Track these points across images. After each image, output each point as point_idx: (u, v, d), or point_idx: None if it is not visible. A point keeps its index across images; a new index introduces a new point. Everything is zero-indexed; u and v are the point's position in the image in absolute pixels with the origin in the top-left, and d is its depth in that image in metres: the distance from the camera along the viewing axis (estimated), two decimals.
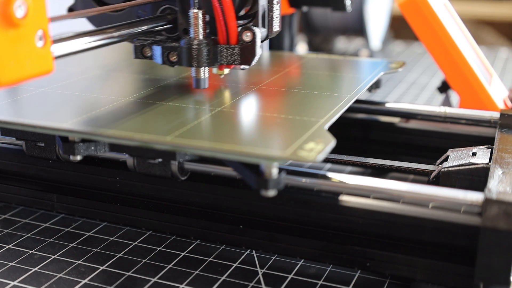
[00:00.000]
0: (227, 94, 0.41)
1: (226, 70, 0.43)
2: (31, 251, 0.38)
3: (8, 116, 0.36)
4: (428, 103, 0.69)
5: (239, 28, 0.40)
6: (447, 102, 0.55)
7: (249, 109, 0.38)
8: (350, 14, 0.83)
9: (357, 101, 0.48)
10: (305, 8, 0.62)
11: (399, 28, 1.17)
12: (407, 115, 0.48)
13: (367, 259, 0.34)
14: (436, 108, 0.47)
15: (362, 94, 0.44)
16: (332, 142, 0.32)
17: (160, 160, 0.36)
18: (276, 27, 0.42)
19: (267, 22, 0.41)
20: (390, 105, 0.48)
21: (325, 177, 0.34)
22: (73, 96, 0.41)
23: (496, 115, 0.44)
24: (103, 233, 0.40)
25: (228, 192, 0.36)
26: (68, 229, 0.40)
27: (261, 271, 0.36)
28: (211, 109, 0.38)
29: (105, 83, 0.46)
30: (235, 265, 0.36)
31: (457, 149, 0.40)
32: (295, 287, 0.34)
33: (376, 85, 0.49)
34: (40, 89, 0.42)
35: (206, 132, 0.34)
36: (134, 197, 0.39)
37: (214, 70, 0.42)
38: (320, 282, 0.34)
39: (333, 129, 0.35)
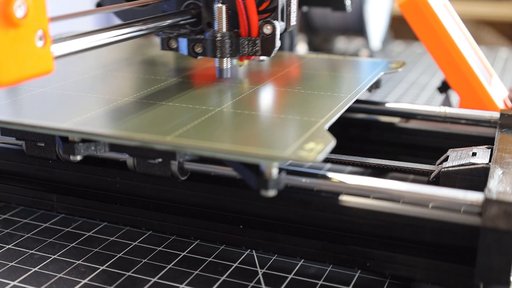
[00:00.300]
0: (227, 94, 0.41)
1: (246, 62, 0.47)
2: (31, 251, 0.38)
3: (8, 116, 0.36)
4: (428, 103, 0.69)
5: (260, 22, 0.42)
6: (447, 102, 0.55)
7: (249, 109, 0.38)
8: (350, 14, 0.83)
9: (357, 101, 0.48)
10: (305, 8, 0.62)
11: (399, 28, 1.17)
12: (407, 115, 0.48)
13: (367, 259, 0.34)
14: (436, 108, 0.47)
15: (362, 94, 0.44)
16: (332, 142, 0.32)
17: (160, 160, 0.36)
18: (293, 21, 0.45)
19: (286, 16, 0.44)
20: (390, 105, 0.48)
21: (325, 177, 0.34)
22: (73, 96, 0.41)
23: (496, 115, 0.44)
24: (103, 233, 0.40)
25: (228, 192, 0.36)
26: (68, 229, 0.40)
27: (261, 271, 0.36)
28: (211, 109, 0.38)
29: (105, 83, 0.46)
30: (235, 265, 0.36)
31: (457, 149, 0.40)
32: (295, 287, 0.34)
33: (376, 85, 0.49)
34: (40, 89, 0.42)
35: (206, 132, 0.34)
36: (134, 197, 0.39)
37: (234, 61, 0.45)
38: (320, 282, 0.34)
39: (333, 129, 0.35)
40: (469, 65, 0.50)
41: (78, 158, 0.34)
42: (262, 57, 0.44)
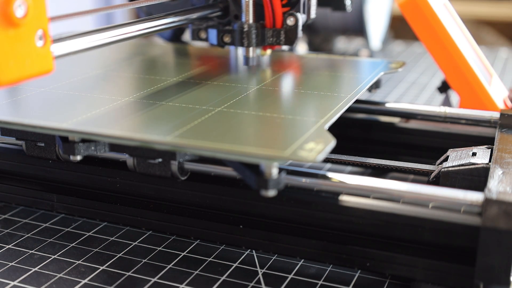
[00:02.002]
0: (227, 94, 0.41)
1: (268, 51, 0.51)
2: (31, 251, 0.38)
3: (8, 116, 0.36)
4: (428, 103, 0.69)
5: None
6: (447, 102, 0.55)
7: (249, 109, 0.38)
8: (350, 14, 0.83)
9: (357, 101, 0.48)
10: None
11: (399, 28, 1.17)
12: (407, 115, 0.48)
13: (367, 259, 0.34)
14: (436, 108, 0.47)
15: (362, 94, 0.44)
16: (332, 142, 0.32)
17: (160, 160, 0.36)
18: (313, 14, 0.49)
19: (307, 9, 0.48)
20: (390, 105, 0.48)
21: (325, 177, 0.34)
22: (73, 96, 0.41)
23: (496, 115, 0.44)
24: (103, 233, 0.40)
25: (228, 192, 0.36)
26: (68, 229, 0.40)
27: (261, 271, 0.36)
28: (211, 109, 0.38)
29: (105, 83, 0.46)
30: (235, 265, 0.36)
31: (457, 149, 0.40)
32: (295, 287, 0.34)
33: (376, 85, 0.49)
34: (40, 89, 0.42)
35: (206, 132, 0.34)
36: (134, 197, 0.39)
37: (258, 51, 0.49)
38: (320, 282, 0.34)
39: (333, 129, 0.35)
40: (469, 65, 0.50)
41: (78, 158, 0.34)
42: (284, 47, 0.48)
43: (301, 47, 0.89)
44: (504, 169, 0.34)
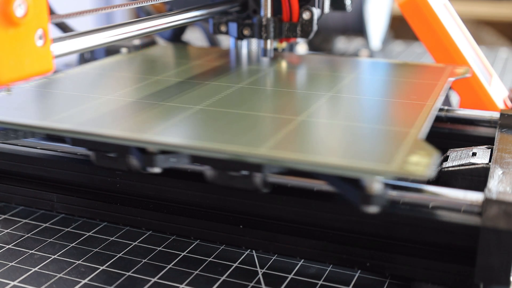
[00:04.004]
0: (315, 104, 0.39)
1: (284, 44, 0.55)
2: (31, 251, 0.37)
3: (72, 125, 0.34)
4: None
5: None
6: (447, 102, 0.55)
7: (328, 118, 0.36)
8: (350, 14, 0.83)
9: None
10: None
11: (399, 28, 1.17)
12: None
13: (367, 259, 0.34)
14: None
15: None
16: (436, 154, 0.29)
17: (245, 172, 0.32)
18: (327, 9, 0.52)
19: (321, 4, 0.51)
20: None
21: None
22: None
23: (496, 115, 0.44)
24: (103, 233, 0.40)
25: (228, 192, 0.36)
26: (68, 229, 0.40)
27: (261, 271, 0.35)
28: (291, 119, 0.36)
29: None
30: (235, 265, 0.36)
31: (457, 149, 0.40)
32: (295, 287, 0.34)
33: None
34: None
35: (297, 143, 0.32)
36: (134, 197, 0.39)
37: (275, 44, 0.53)
38: (320, 282, 0.34)
39: None
40: (469, 65, 0.50)
41: (156, 170, 0.32)
42: (299, 39, 0.52)
43: (301, 47, 0.89)
44: (504, 169, 0.34)
